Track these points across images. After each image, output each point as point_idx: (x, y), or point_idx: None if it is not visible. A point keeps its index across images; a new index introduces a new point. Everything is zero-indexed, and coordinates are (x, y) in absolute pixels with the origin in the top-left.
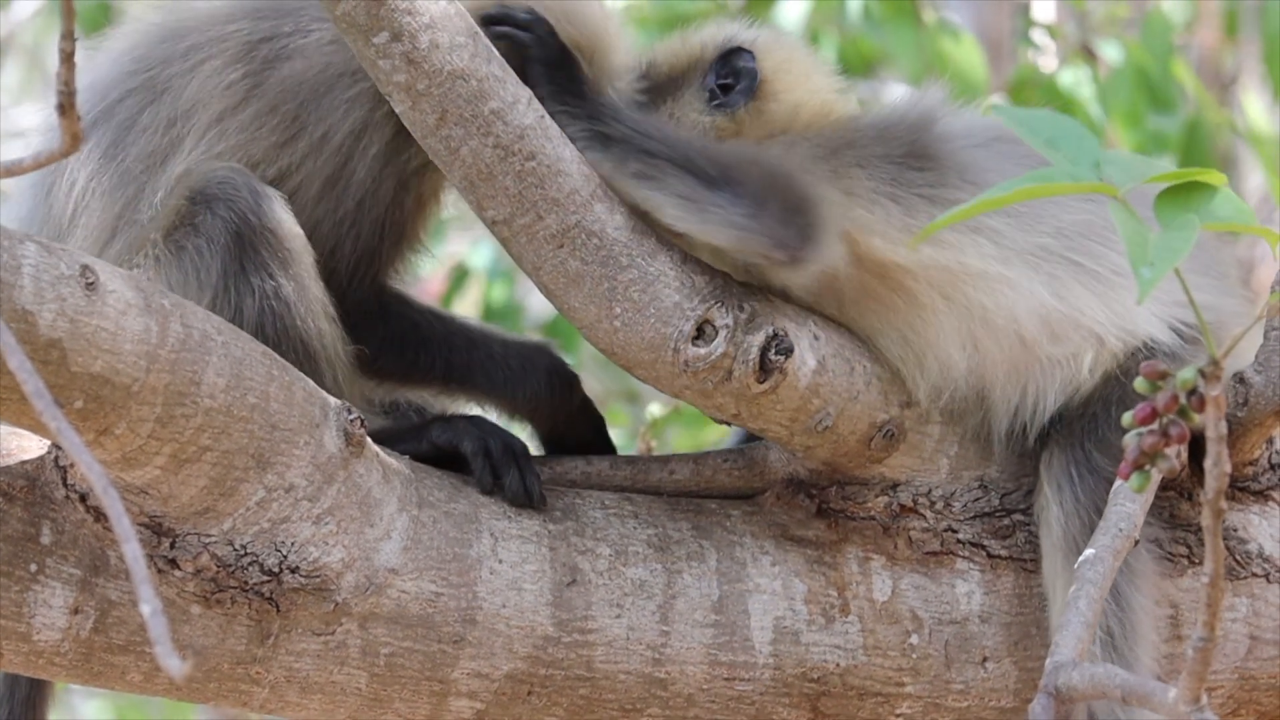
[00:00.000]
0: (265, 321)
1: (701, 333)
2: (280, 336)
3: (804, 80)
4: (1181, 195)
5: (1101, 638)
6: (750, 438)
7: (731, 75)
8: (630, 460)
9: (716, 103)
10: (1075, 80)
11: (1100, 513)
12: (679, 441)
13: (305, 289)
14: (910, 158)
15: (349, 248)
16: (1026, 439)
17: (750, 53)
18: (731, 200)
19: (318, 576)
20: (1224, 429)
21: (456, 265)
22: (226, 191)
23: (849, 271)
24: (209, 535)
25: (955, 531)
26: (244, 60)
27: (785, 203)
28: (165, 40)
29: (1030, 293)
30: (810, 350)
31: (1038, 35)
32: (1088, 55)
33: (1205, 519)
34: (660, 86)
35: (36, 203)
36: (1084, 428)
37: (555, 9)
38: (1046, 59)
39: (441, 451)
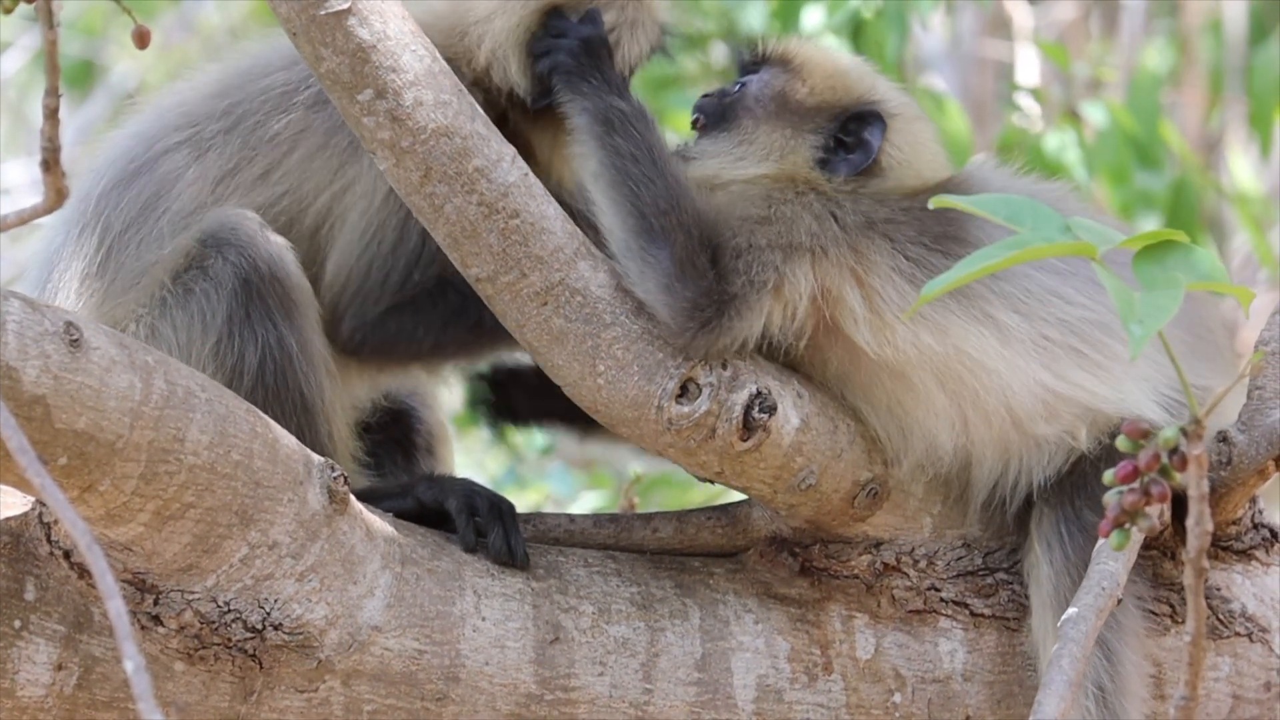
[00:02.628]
0: (266, 370)
1: (685, 391)
2: (279, 387)
3: (917, 171)
4: (1158, 255)
5: (1094, 693)
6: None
7: (853, 136)
8: (613, 518)
9: (821, 157)
10: (1061, 144)
11: None
12: (666, 501)
13: (308, 342)
14: (943, 240)
15: (414, 243)
16: (1006, 509)
17: (883, 125)
18: (656, 262)
19: (301, 633)
20: (1206, 488)
21: None
22: (239, 238)
23: (834, 351)
24: (192, 592)
25: (938, 590)
26: (284, 110)
27: (705, 283)
28: (211, 97)
29: (1028, 376)
30: (794, 408)
31: (1022, 98)
32: (1073, 119)
33: (1188, 578)
34: (791, 106)
35: (66, 240)
36: (1074, 485)
37: None
38: (1032, 121)
39: (427, 509)
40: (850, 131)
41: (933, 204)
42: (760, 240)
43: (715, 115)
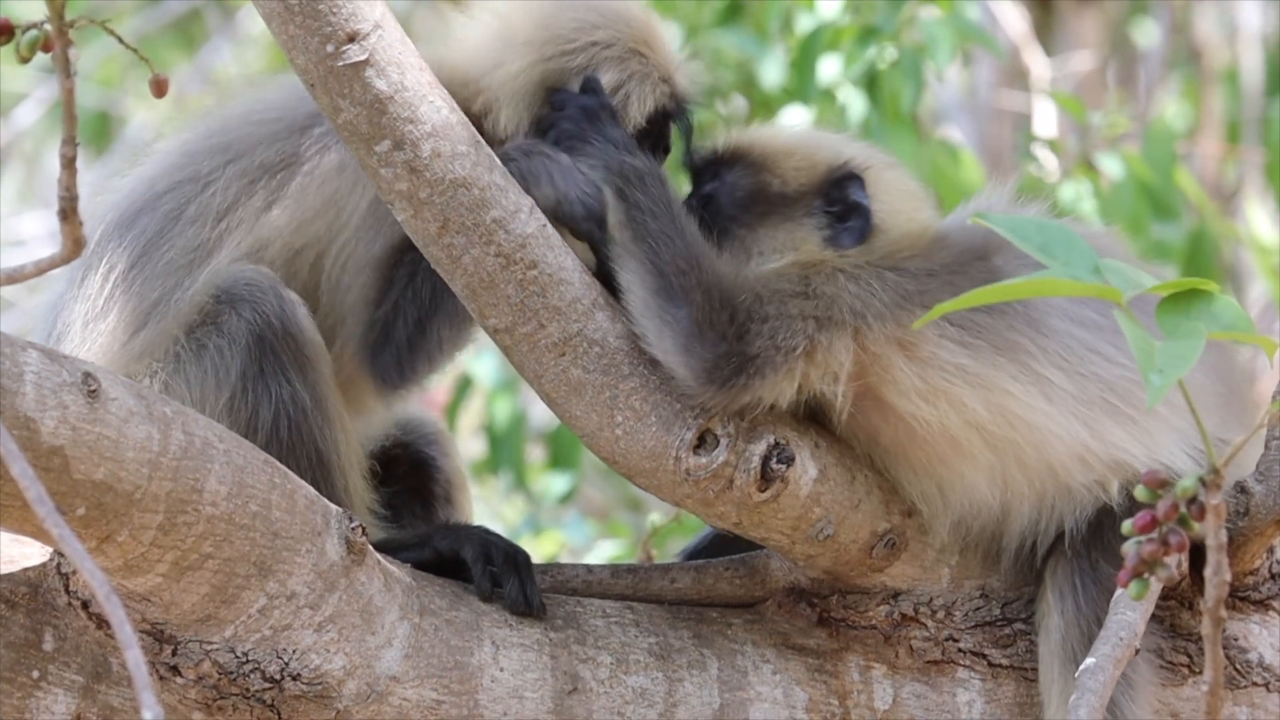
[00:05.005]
0: (280, 425)
1: (703, 441)
2: (295, 442)
3: (911, 216)
4: (1182, 303)
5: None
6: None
7: (842, 204)
8: (631, 569)
9: (828, 234)
10: (1077, 194)
11: (1101, 623)
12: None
13: (322, 397)
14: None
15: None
16: (1033, 557)
17: (862, 182)
18: (675, 321)
19: (319, 684)
20: (1224, 537)
21: (461, 377)
22: (252, 293)
23: (875, 418)
24: (211, 642)
25: (956, 640)
26: (280, 139)
27: (725, 344)
28: (211, 135)
29: (1068, 432)
30: (812, 459)
31: (1039, 149)
32: (1089, 169)
33: (1205, 628)
34: (772, 200)
35: (70, 285)
36: (1091, 537)
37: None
38: (1048, 172)
39: (444, 558)
40: (836, 201)
41: (971, 220)
42: (792, 310)
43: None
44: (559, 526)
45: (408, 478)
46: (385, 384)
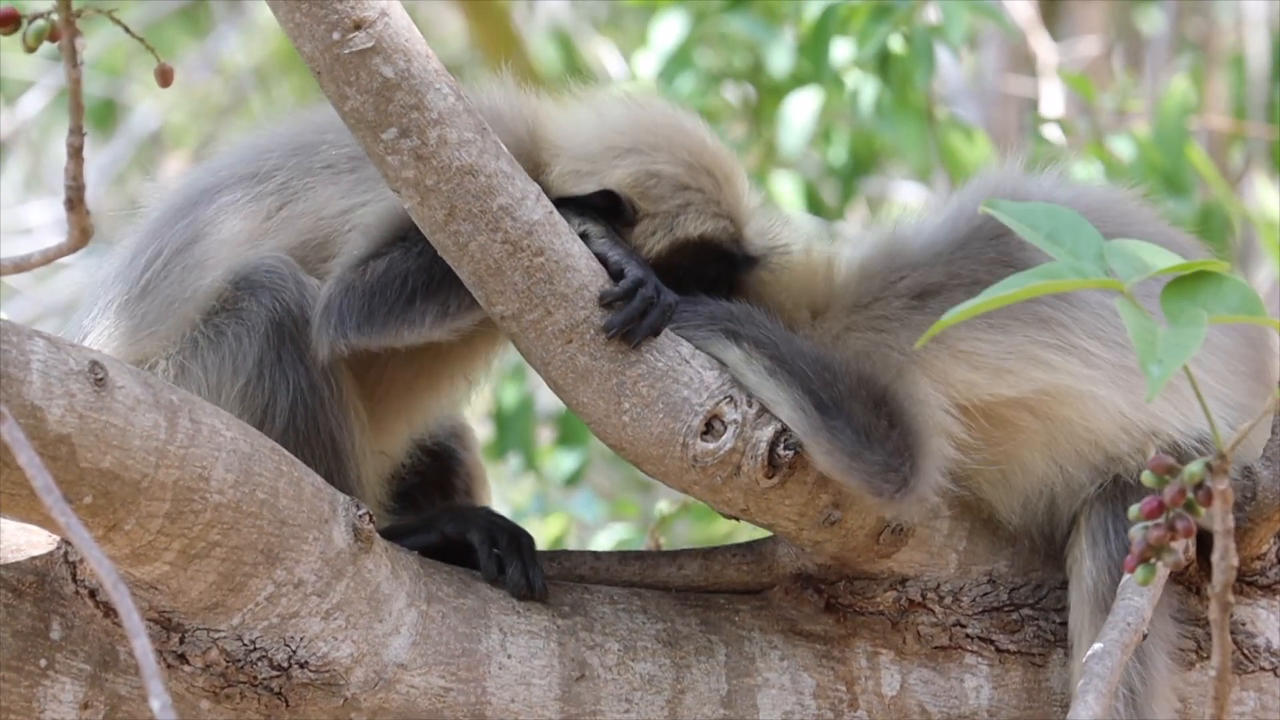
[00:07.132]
0: (296, 413)
1: (710, 428)
2: (310, 430)
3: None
4: (1189, 286)
5: (1124, 694)
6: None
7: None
8: (639, 555)
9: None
10: (1087, 175)
11: None
12: (691, 535)
13: (340, 387)
14: (997, 267)
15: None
16: (1055, 530)
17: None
18: (839, 430)
19: (327, 671)
20: (1231, 522)
21: None
22: (272, 280)
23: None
24: (218, 630)
25: (964, 626)
26: (353, 155)
27: (890, 442)
28: (282, 135)
29: (1110, 403)
30: None
31: (1048, 129)
32: (1099, 148)
33: (1213, 613)
34: None
35: (119, 264)
36: (1125, 486)
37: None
38: (1058, 153)
39: (450, 541)
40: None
41: (982, 209)
42: (882, 378)
43: None
44: (568, 506)
45: (428, 470)
46: (335, 326)
